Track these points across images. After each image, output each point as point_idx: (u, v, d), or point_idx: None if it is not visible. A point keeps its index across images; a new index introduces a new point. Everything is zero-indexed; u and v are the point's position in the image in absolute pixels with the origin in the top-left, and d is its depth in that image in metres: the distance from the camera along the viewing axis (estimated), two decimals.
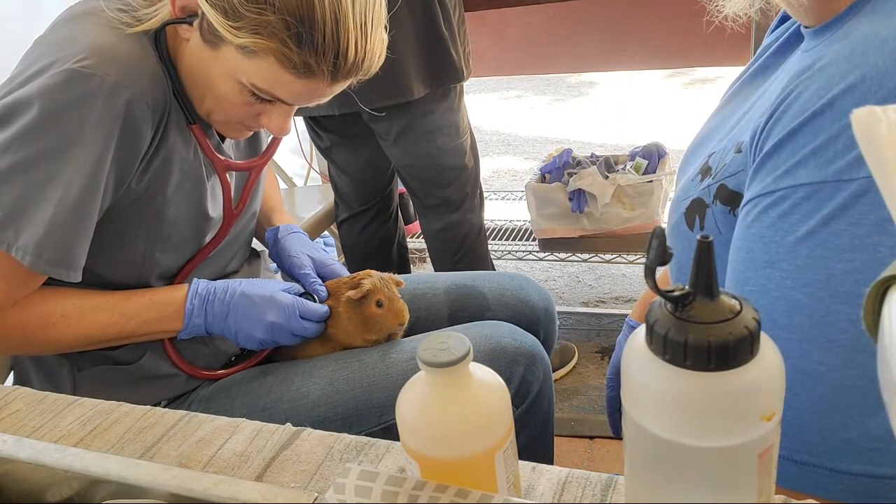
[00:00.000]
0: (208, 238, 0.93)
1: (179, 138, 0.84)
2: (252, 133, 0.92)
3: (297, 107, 0.85)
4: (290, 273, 1.01)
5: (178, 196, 0.86)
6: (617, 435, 0.96)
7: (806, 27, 0.62)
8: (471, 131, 1.75)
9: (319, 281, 0.97)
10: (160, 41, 0.81)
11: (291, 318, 0.89)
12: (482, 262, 1.86)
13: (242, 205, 0.95)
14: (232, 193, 0.92)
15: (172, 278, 0.92)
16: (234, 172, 0.95)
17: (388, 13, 0.83)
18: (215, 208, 0.92)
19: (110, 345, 0.87)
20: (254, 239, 1.10)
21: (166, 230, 0.87)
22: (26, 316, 0.80)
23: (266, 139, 1.04)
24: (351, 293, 0.93)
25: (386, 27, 0.83)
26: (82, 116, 0.74)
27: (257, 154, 1.01)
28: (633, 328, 1.03)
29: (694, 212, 0.68)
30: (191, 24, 0.79)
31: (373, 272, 0.97)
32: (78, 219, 0.76)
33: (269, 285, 0.92)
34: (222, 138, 0.94)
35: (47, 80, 0.73)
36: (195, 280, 0.90)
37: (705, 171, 0.68)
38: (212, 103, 0.83)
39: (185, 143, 0.85)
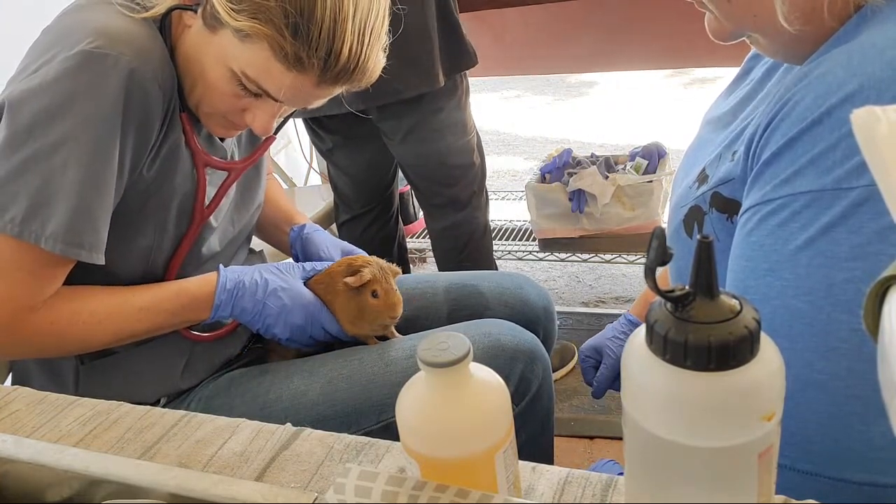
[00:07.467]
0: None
1: (181, 127, 0.84)
2: (238, 133, 0.91)
3: (283, 107, 0.84)
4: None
5: (183, 186, 0.86)
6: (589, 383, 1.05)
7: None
8: (476, 130, 1.75)
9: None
10: (164, 27, 0.81)
11: (314, 328, 0.93)
12: (487, 260, 1.86)
13: (215, 205, 0.92)
14: (206, 191, 0.90)
15: (167, 270, 0.90)
16: (219, 174, 0.92)
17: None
18: (191, 203, 0.90)
19: (136, 339, 0.87)
20: (253, 237, 1.10)
21: (171, 220, 0.87)
22: (56, 315, 0.79)
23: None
24: (350, 280, 0.93)
25: (385, 49, 0.83)
26: (99, 96, 0.73)
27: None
28: (630, 321, 1.04)
29: (692, 219, 0.68)
30: (195, 11, 0.80)
31: (372, 260, 0.97)
32: (100, 200, 0.76)
33: (297, 282, 0.94)
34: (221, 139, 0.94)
35: (59, 64, 0.73)
36: (222, 271, 0.89)
37: (702, 178, 0.68)
38: (201, 92, 0.83)
39: (182, 133, 0.85)
